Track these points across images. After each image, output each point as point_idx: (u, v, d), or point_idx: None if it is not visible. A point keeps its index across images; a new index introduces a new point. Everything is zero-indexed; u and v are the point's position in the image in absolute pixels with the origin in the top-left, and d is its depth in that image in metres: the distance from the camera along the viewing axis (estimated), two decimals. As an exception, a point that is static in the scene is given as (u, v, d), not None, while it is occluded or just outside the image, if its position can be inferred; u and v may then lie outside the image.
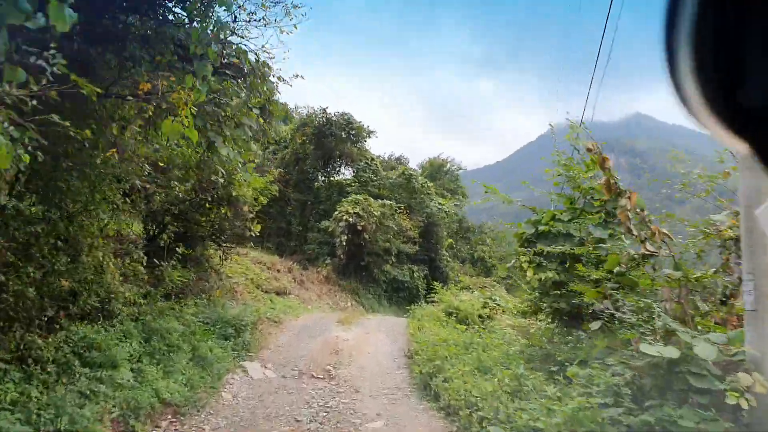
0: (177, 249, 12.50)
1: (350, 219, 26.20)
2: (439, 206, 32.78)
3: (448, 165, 44.59)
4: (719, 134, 1.01)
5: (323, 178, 32.25)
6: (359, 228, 26.18)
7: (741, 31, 0.91)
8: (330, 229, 27.61)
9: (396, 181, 31.74)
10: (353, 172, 32.48)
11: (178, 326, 10.93)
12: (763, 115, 0.96)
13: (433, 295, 36.31)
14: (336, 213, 27.00)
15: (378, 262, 29.02)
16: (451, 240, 36.20)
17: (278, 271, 22.80)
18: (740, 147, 1.01)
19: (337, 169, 32.54)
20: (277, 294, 19.88)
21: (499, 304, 17.33)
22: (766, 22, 0.89)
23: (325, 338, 14.94)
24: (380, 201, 27.49)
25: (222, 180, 13.68)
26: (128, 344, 9.34)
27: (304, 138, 29.54)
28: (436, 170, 43.03)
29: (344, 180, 32.83)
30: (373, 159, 32.30)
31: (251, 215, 15.70)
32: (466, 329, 13.75)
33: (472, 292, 20.82)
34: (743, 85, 0.94)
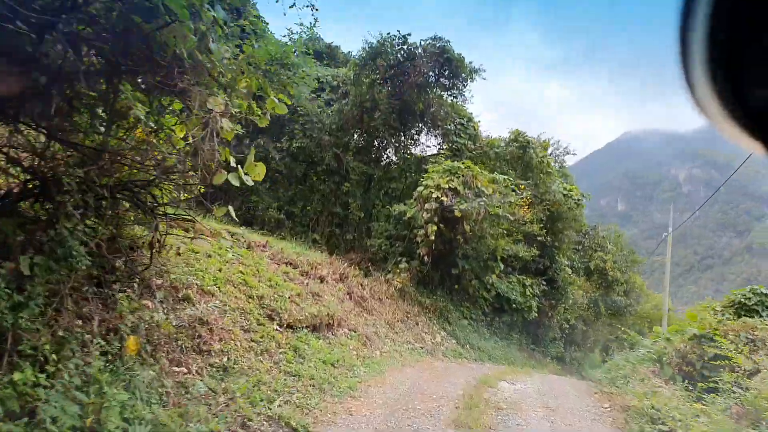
0: None
1: (444, 198, 15.45)
2: (566, 192, 21.47)
3: (551, 148, 32.97)
4: (733, 134, 1.00)
5: (397, 144, 21.54)
6: (457, 214, 15.41)
7: (753, 33, 0.90)
8: (407, 216, 16.96)
9: (503, 151, 20.69)
10: (439, 138, 21.68)
11: None
12: None
13: (558, 321, 25.07)
14: (420, 189, 16.28)
15: (477, 270, 18.14)
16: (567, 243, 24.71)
17: (321, 279, 12.24)
18: (754, 147, 1.01)
19: (416, 136, 21.87)
20: (315, 330, 9.38)
21: None
22: None
23: None
24: (490, 174, 16.66)
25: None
26: None
27: (374, 77, 18.91)
28: (537, 153, 31.47)
29: (422, 155, 22.17)
30: (470, 119, 21.43)
31: (232, 129, 5.24)
32: None
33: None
34: (756, 86, 0.94)
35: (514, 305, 19.95)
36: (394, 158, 22.27)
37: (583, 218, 24.79)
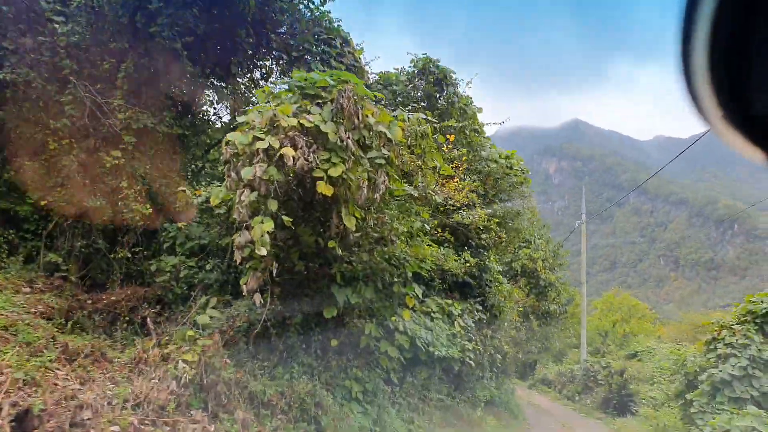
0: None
1: (292, 152, 6.17)
2: (503, 161, 13.05)
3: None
4: (735, 143, 0.99)
5: (219, 83, 11.84)
6: (323, 191, 6.25)
7: (755, 44, 0.89)
8: (215, 205, 7.49)
9: (404, 88, 11.74)
10: (300, 70, 12.34)
11: None
12: None
13: (491, 355, 14.72)
14: (234, 136, 6.82)
15: (376, 304, 9.13)
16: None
17: None
18: (756, 156, 0.99)
19: (255, 70, 12.44)
20: None
21: None
22: None
23: None
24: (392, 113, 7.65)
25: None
26: None
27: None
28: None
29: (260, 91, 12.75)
30: (347, 40, 12.13)
31: None
32: None
33: None
34: (759, 95, 0.93)
35: (437, 355, 11.14)
36: (218, 107, 12.53)
37: (533, 201, 16.60)
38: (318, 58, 11.98)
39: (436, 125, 8.21)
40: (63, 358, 6.31)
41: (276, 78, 13.45)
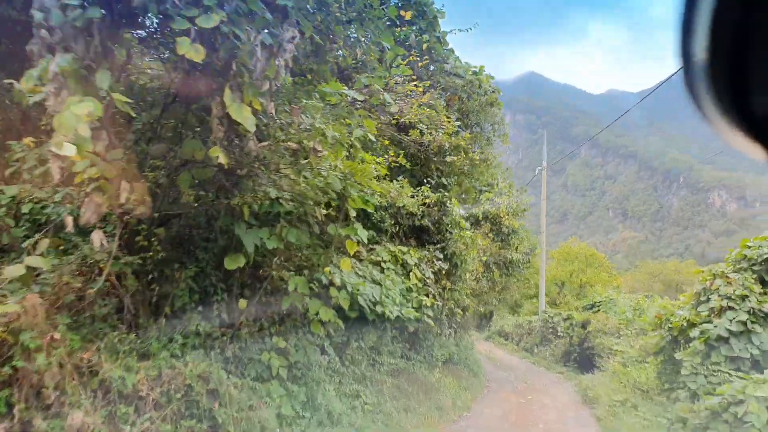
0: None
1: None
2: (470, 77, 10.57)
3: None
4: (735, 141, 0.96)
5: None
6: (186, 52, 3.71)
7: (756, 40, 0.86)
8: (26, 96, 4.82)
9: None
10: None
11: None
12: None
13: (450, 310, 11.34)
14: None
15: (303, 251, 6.74)
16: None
17: None
18: (756, 153, 0.97)
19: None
20: None
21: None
22: None
23: None
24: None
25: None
26: None
27: None
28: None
29: None
30: None
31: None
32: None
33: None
34: (758, 92, 0.90)
35: (387, 316, 8.90)
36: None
37: (506, 127, 14.12)
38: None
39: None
40: None
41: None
